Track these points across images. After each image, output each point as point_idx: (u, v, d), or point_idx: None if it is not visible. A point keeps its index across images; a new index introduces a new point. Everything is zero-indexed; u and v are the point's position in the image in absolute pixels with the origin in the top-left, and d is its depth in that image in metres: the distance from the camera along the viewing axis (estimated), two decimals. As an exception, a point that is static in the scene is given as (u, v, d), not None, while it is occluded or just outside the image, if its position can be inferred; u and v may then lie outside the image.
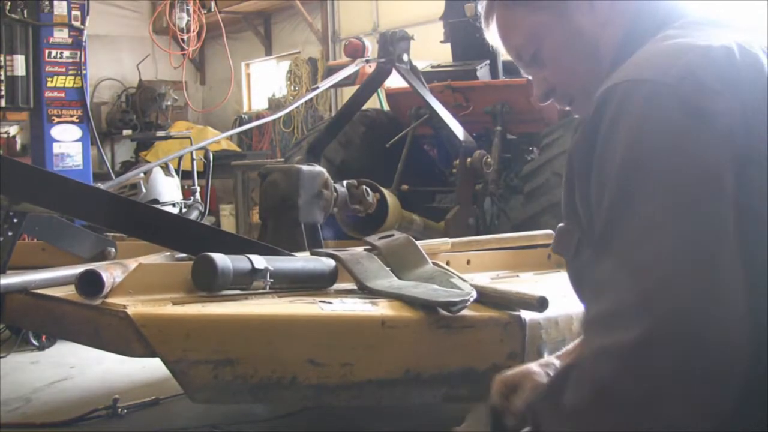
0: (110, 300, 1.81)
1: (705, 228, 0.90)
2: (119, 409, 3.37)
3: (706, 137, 0.92)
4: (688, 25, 1.11)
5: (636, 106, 0.96)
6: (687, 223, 0.90)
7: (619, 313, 0.90)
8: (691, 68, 0.96)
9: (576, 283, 1.19)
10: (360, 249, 2.35)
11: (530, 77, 1.32)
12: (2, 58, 5.45)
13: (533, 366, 1.29)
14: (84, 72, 5.74)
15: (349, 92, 5.86)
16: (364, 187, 3.27)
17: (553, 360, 1.32)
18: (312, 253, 2.38)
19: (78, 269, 1.95)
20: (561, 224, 1.20)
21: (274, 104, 10.94)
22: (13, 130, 9.82)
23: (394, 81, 4.61)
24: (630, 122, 0.95)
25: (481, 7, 1.30)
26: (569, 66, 1.24)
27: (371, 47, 4.78)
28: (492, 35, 1.30)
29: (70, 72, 5.68)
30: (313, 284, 2.14)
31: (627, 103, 0.97)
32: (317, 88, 4.58)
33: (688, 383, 0.85)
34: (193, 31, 8.52)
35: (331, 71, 4.85)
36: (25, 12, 5.49)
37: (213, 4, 9.61)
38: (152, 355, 1.70)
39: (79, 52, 5.69)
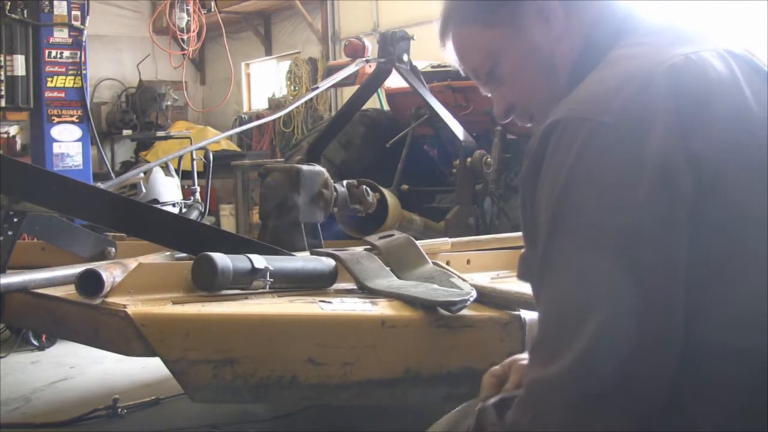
0: (110, 299, 1.81)
1: (623, 275, 0.91)
2: (119, 409, 3.36)
3: (639, 182, 0.93)
4: (639, 42, 1.10)
5: (572, 145, 0.97)
6: (606, 266, 0.92)
7: (545, 347, 0.96)
8: (629, 106, 0.96)
9: None
10: (360, 249, 2.35)
11: (489, 95, 1.31)
12: (2, 58, 5.44)
13: (519, 355, 1.30)
14: (84, 72, 5.74)
15: (349, 92, 5.86)
16: (364, 187, 3.27)
17: None
18: (312, 253, 2.39)
19: (78, 269, 1.95)
20: (523, 251, 1.22)
21: (274, 104, 10.93)
22: (13, 130, 9.81)
23: (394, 81, 4.61)
24: (566, 161, 0.97)
25: (436, 27, 1.29)
26: (526, 82, 1.23)
27: (371, 47, 4.78)
28: (448, 54, 1.29)
29: (70, 72, 5.67)
30: (313, 284, 2.14)
31: (565, 140, 0.98)
32: (317, 88, 4.58)
33: (603, 415, 0.91)
34: (193, 31, 8.51)
35: (331, 71, 4.85)
36: (25, 12, 5.48)
37: (213, 4, 9.60)
38: (152, 354, 1.70)
39: (79, 52, 5.68)
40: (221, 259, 1.90)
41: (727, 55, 1.03)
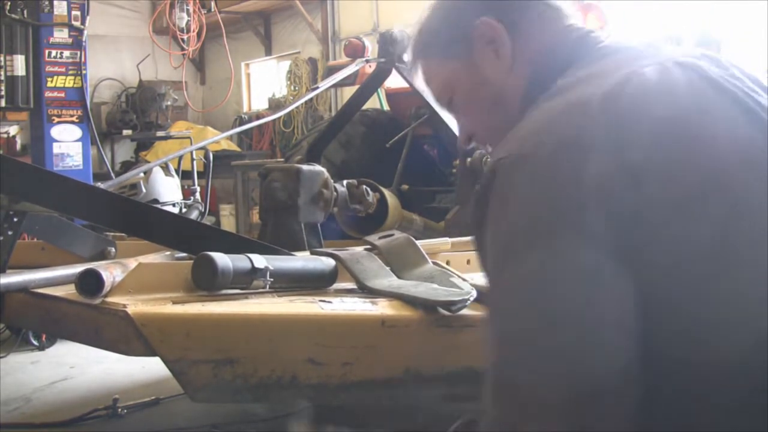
0: (110, 299, 1.81)
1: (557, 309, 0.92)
2: (119, 409, 3.36)
3: (576, 208, 0.94)
4: (585, 69, 1.11)
5: (517, 183, 0.99)
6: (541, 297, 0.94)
7: (492, 384, 0.97)
8: (565, 134, 0.98)
9: None
10: (360, 249, 2.35)
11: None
12: (2, 58, 5.44)
13: None
14: (84, 72, 5.74)
15: (349, 92, 5.86)
16: (364, 187, 3.27)
17: None
18: (312, 253, 2.38)
19: (78, 268, 1.95)
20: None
21: (274, 104, 10.93)
22: (13, 130, 9.82)
23: (394, 81, 4.61)
24: (513, 198, 0.98)
25: (408, 57, 1.37)
26: (479, 113, 1.28)
27: (371, 47, 4.78)
28: (418, 81, 1.37)
29: (70, 72, 5.68)
30: (313, 284, 2.14)
31: (510, 178, 0.99)
32: (317, 88, 4.58)
33: None
34: (193, 31, 8.52)
35: (331, 71, 4.85)
36: (25, 12, 5.48)
37: (213, 4, 9.61)
38: (152, 354, 1.70)
39: (79, 52, 5.68)
40: (221, 258, 1.90)
41: (671, 66, 1.04)
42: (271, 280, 1.98)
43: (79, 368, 4.25)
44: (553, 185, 0.96)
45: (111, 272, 1.91)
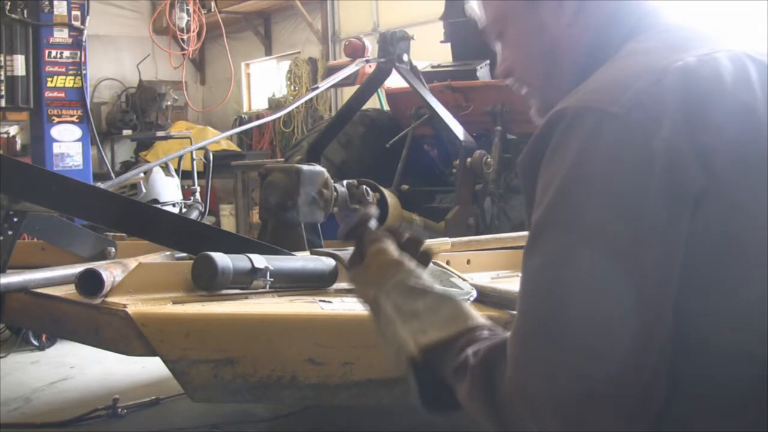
0: (110, 299, 1.81)
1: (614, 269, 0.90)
2: (119, 409, 3.37)
3: (645, 178, 0.92)
4: (655, 38, 1.10)
5: (580, 135, 0.96)
6: (598, 263, 0.91)
7: (524, 334, 0.95)
8: (640, 99, 0.95)
9: None
10: (360, 249, 2.34)
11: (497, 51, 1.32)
12: (2, 58, 5.44)
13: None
14: (84, 72, 5.74)
15: (349, 92, 5.86)
16: (364, 187, 3.27)
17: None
18: (312, 253, 2.38)
19: (78, 268, 1.95)
20: None
21: (274, 104, 10.94)
22: (13, 130, 9.82)
23: (394, 81, 4.61)
24: (571, 151, 0.96)
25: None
26: (525, 56, 1.24)
27: (371, 47, 4.78)
28: (472, 6, 1.32)
29: (70, 72, 5.68)
30: (313, 284, 2.14)
31: (572, 130, 0.97)
32: (317, 88, 4.58)
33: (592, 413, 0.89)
34: (193, 31, 8.52)
35: (331, 71, 4.85)
36: (25, 12, 5.48)
37: (213, 4, 9.62)
38: (152, 354, 1.70)
39: (79, 52, 5.68)
40: (221, 258, 1.90)
41: (744, 58, 1.03)
42: (271, 280, 1.98)
43: (79, 368, 4.25)
44: (619, 145, 0.93)
45: (111, 272, 1.91)
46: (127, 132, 11.07)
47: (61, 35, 5.62)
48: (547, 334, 0.91)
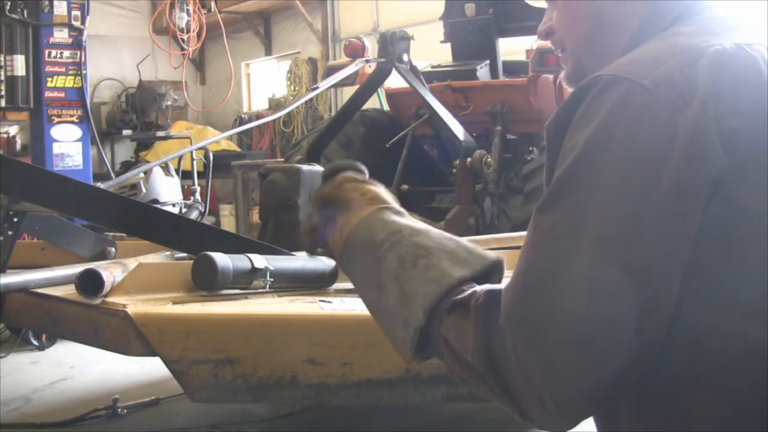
0: (110, 299, 1.81)
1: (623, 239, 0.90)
2: (119, 409, 3.37)
3: (664, 150, 0.92)
4: (698, 23, 1.10)
5: (608, 103, 0.97)
6: (609, 232, 0.91)
7: (517, 282, 0.96)
8: (672, 75, 0.96)
9: None
10: (360, 249, 2.34)
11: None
12: (2, 58, 5.44)
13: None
14: (84, 72, 5.74)
15: (349, 92, 5.86)
16: (364, 186, 3.27)
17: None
18: (311, 253, 2.38)
19: (78, 268, 1.95)
20: None
21: (274, 104, 10.94)
22: (13, 130, 9.83)
23: (394, 81, 4.62)
24: (598, 117, 0.96)
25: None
26: (570, 18, 1.24)
27: (371, 47, 4.78)
28: None
29: (70, 72, 5.67)
30: (313, 284, 2.14)
31: (602, 96, 0.98)
32: (317, 88, 4.59)
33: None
34: (193, 31, 8.51)
35: (331, 71, 4.86)
36: (25, 12, 5.48)
37: (213, 4, 9.61)
38: (152, 354, 1.70)
39: (79, 52, 5.68)
40: (221, 258, 1.90)
41: None
42: (271, 280, 1.98)
43: (79, 368, 4.25)
44: (644, 117, 0.94)
45: (111, 272, 1.91)
46: (127, 132, 11.07)
47: (61, 35, 5.62)
48: (545, 288, 0.92)
